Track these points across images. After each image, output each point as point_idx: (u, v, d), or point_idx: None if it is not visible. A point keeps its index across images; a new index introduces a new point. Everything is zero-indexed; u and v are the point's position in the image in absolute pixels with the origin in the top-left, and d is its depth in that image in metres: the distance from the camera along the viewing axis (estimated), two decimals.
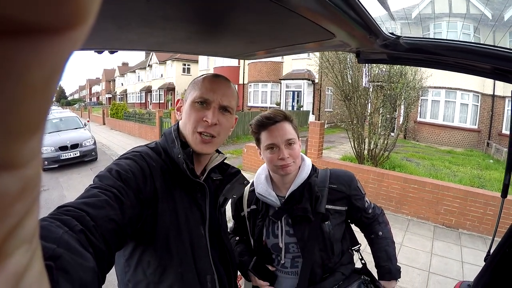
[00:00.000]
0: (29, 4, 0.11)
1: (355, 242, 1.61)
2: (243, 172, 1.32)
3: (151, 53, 39.12)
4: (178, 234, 0.99)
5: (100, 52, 1.15)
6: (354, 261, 1.58)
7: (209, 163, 1.19)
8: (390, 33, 1.06)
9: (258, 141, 1.45)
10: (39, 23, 0.12)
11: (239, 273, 1.59)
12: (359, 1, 0.74)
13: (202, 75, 1.11)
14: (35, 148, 0.14)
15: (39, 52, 0.13)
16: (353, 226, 1.65)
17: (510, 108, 14.06)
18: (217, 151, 1.23)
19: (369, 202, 1.58)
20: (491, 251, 1.47)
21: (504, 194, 1.38)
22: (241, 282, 1.68)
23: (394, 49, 1.13)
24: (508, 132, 14.65)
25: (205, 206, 1.09)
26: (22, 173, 0.14)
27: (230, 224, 1.73)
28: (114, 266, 0.96)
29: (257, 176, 1.57)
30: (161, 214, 0.96)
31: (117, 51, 1.19)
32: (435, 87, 15.62)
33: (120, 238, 0.78)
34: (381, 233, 1.58)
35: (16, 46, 0.12)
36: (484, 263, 1.49)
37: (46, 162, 9.54)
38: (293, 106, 22.34)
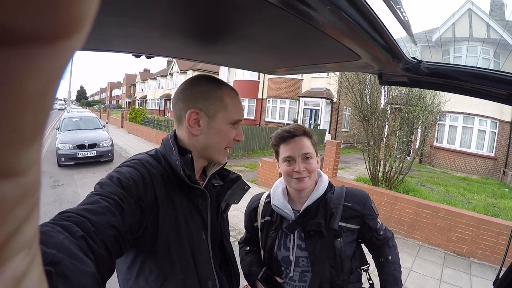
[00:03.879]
0: (23, 13, 0.11)
1: (365, 261, 1.61)
2: (257, 187, 1.34)
3: (173, 61, 39.71)
4: (178, 240, 1.00)
5: (138, 56, 1.22)
6: (362, 281, 1.59)
7: (209, 169, 1.21)
8: (412, 57, 1.11)
9: (277, 154, 1.50)
10: (34, 32, 0.12)
11: (246, 283, 1.62)
12: (385, 26, 0.80)
13: (221, 86, 1.11)
14: (34, 156, 0.14)
15: (34, 62, 0.13)
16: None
17: None
18: None
19: (381, 223, 1.59)
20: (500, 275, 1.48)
21: None
22: None
23: (415, 73, 1.18)
24: None
25: (207, 212, 1.09)
26: (21, 181, 0.14)
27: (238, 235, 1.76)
28: (116, 274, 0.99)
29: (274, 188, 1.60)
30: (162, 222, 0.96)
31: (154, 57, 1.26)
32: (453, 112, 15.45)
33: (120, 244, 0.78)
34: (390, 257, 1.59)
35: (10, 56, 0.12)
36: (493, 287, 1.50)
37: (63, 159, 9.81)
38: (310, 124, 22.27)
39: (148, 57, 1.25)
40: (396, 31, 0.95)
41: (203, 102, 1.06)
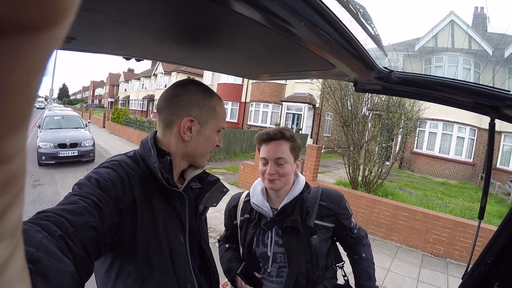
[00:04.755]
0: (10, 3, 0.11)
1: (339, 259, 1.70)
2: (237, 189, 1.35)
3: (158, 62, 39.41)
4: (157, 243, 0.99)
5: (128, 59, 1.27)
6: (337, 278, 1.66)
7: (187, 172, 1.21)
8: (384, 67, 1.20)
9: (259, 152, 1.57)
10: (21, 21, 0.12)
11: (226, 280, 1.66)
12: (357, 39, 0.88)
13: (213, 95, 1.14)
14: (20, 143, 0.14)
15: (21, 51, 0.13)
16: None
17: (501, 141, 14.37)
18: None
19: (355, 223, 1.67)
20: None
21: (481, 216, 1.50)
22: None
23: (387, 81, 1.27)
24: (502, 167, 14.90)
25: (185, 215, 1.09)
26: (6, 168, 0.14)
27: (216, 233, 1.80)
28: (95, 278, 0.98)
29: (254, 187, 1.67)
30: (140, 224, 0.95)
31: (143, 60, 1.31)
32: (432, 119, 15.93)
33: (99, 246, 0.78)
34: (364, 254, 1.67)
35: None
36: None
37: (44, 158, 9.63)
38: (292, 129, 22.33)
39: (138, 60, 1.30)
40: (369, 43, 1.04)
41: (198, 110, 1.08)
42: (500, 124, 1.33)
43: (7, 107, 0.13)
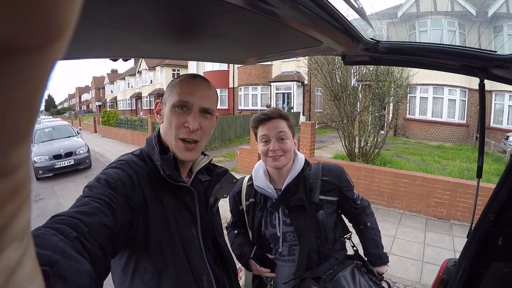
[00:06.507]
0: (6, 24, 0.11)
1: (346, 230, 1.74)
2: (236, 175, 1.33)
3: (141, 59, 38.92)
4: (170, 238, 1.00)
5: (115, 60, 1.25)
6: (347, 249, 1.70)
7: (195, 165, 1.21)
8: (370, 38, 1.20)
9: (256, 136, 1.59)
10: (18, 42, 0.12)
11: (239, 265, 1.68)
12: (341, 14, 0.88)
13: (180, 76, 1.10)
14: (23, 154, 0.15)
15: (21, 70, 0.13)
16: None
17: (492, 100, 14.41)
18: (202, 153, 1.23)
19: (357, 194, 1.71)
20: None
21: (479, 174, 1.53)
22: (241, 274, 1.78)
23: (375, 52, 1.28)
24: (496, 125, 15.01)
25: (195, 208, 1.09)
26: (13, 178, 0.15)
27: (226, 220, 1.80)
28: (111, 276, 1.01)
29: (256, 170, 1.69)
30: (152, 221, 0.96)
31: (130, 59, 1.30)
32: (422, 84, 15.94)
33: (114, 244, 0.79)
34: (369, 223, 1.72)
35: None
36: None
37: (41, 171, 9.56)
38: (283, 108, 22.22)
39: (125, 60, 1.29)
40: (353, 16, 1.03)
41: (165, 93, 1.11)
42: (490, 83, 1.35)
43: (11, 123, 0.13)
